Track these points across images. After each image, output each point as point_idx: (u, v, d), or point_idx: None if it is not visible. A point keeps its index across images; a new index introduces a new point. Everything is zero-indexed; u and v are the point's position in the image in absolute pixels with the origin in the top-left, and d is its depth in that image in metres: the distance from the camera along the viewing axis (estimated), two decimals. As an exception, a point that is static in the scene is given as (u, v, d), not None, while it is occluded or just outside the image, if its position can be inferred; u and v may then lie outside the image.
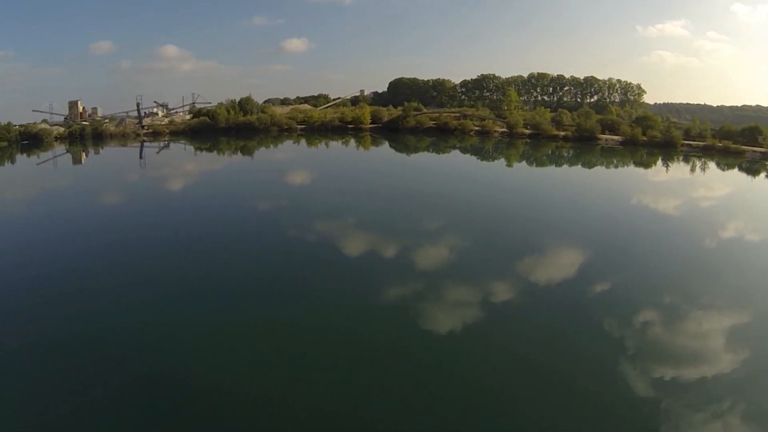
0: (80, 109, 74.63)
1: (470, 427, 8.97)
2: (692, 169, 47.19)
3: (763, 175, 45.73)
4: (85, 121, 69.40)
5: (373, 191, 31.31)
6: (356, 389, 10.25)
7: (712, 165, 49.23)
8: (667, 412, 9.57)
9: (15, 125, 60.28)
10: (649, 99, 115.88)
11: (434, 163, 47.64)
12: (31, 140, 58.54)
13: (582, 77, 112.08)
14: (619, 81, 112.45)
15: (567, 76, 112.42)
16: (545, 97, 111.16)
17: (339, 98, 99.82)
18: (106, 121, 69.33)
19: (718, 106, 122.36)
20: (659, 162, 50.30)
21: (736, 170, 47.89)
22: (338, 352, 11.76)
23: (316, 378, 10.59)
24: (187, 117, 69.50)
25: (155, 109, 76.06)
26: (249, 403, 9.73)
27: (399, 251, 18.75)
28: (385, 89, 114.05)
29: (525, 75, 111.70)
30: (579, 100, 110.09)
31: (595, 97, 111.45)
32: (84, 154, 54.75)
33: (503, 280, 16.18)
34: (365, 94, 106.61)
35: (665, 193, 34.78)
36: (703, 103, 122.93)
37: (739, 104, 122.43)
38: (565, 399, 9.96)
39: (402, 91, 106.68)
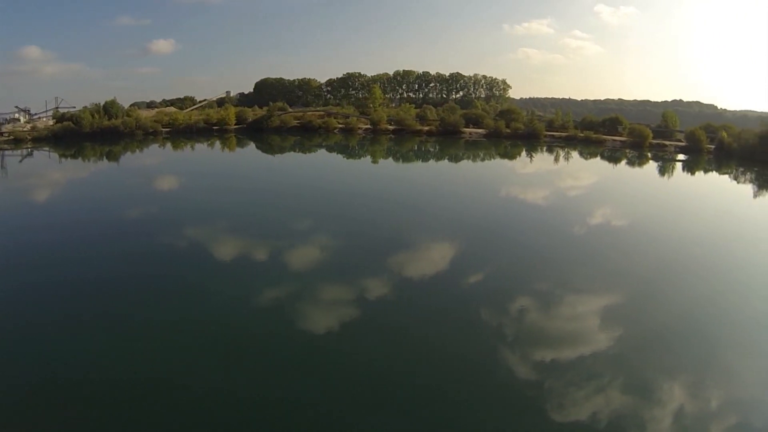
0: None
1: (357, 421, 8.98)
2: (556, 159, 49.36)
3: (624, 162, 48.97)
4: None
5: (242, 193, 30.27)
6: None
7: (575, 154, 52.20)
8: (551, 391, 9.78)
9: None
10: (515, 94, 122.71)
11: (300, 162, 47.64)
12: None
13: (448, 74, 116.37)
14: (484, 77, 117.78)
15: (433, 73, 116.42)
16: (411, 94, 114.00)
17: (205, 100, 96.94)
18: (-39, 129, 59.28)
19: (582, 100, 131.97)
20: (523, 153, 52.64)
21: (598, 158, 51.26)
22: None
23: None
24: (51, 122, 64.39)
25: (17, 115, 68.69)
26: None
27: (276, 253, 18.15)
28: (252, 90, 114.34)
29: (391, 73, 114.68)
30: (445, 96, 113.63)
31: (461, 93, 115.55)
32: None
33: (376, 276, 15.74)
34: (231, 95, 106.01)
35: (533, 183, 36.03)
36: (567, 98, 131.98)
37: (603, 98, 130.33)
38: (449, 390, 9.83)
39: (268, 91, 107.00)
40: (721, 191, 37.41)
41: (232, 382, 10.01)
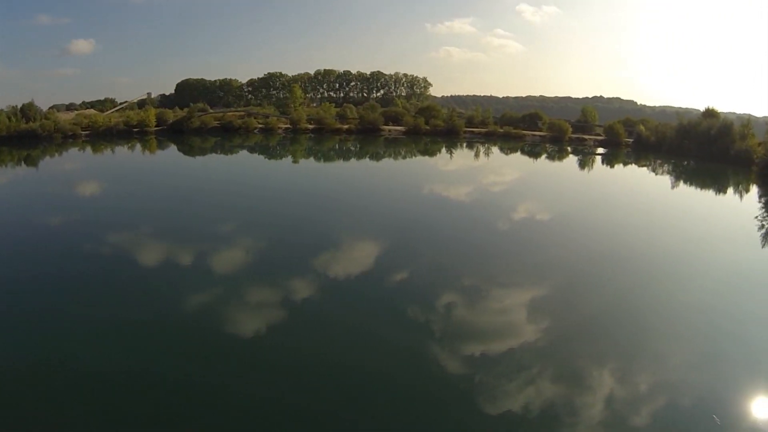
0: None
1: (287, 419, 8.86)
2: (476, 155, 50.10)
3: (544, 156, 50.41)
4: None
5: (166, 196, 29.34)
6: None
7: (495, 150, 53.40)
8: (482, 384, 9.81)
9: None
10: (437, 92, 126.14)
11: (223, 163, 46.49)
12: None
13: (369, 73, 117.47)
14: (405, 75, 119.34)
15: (354, 72, 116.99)
16: (332, 94, 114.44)
17: (126, 102, 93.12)
18: None
19: (504, 97, 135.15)
20: (443, 150, 53.39)
21: (519, 153, 52.52)
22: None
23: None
24: (-36, 127, 60.93)
25: (-73, 117, 61.80)
26: None
27: (202, 256, 17.52)
28: (173, 91, 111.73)
29: (312, 72, 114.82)
30: (366, 95, 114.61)
31: (382, 92, 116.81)
32: None
33: (303, 276, 15.48)
34: (152, 96, 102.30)
35: (457, 180, 36.45)
36: (489, 95, 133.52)
37: (524, 95, 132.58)
38: (379, 387, 9.73)
39: (189, 92, 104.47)
40: (640, 183, 38.88)
41: (163, 381, 9.81)
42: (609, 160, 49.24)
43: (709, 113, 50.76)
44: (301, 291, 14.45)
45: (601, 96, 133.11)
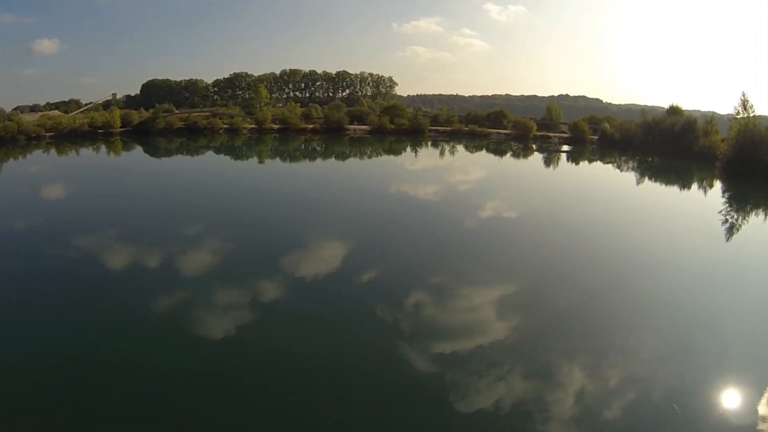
0: None
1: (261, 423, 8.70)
2: (441, 153, 50.27)
3: (509, 154, 51.13)
4: None
5: (133, 198, 28.42)
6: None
7: (460, 148, 53.75)
8: (453, 382, 9.73)
9: None
10: (403, 92, 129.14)
11: (188, 165, 45.60)
12: None
13: (334, 72, 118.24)
14: (371, 74, 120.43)
15: (320, 71, 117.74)
16: (298, 94, 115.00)
17: (91, 103, 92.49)
18: None
19: (470, 96, 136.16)
20: (408, 149, 53.68)
21: (484, 151, 52.95)
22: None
23: None
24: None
25: None
26: None
27: (169, 258, 17.22)
28: (139, 92, 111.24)
29: (278, 72, 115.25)
30: (331, 94, 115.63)
31: (347, 91, 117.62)
32: None
33: (270, 278, 15.34)
34: (118, 97, 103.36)
35: (423, 178, 36.37)
36: (455, 94, 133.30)
37: (490, 94, 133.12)
38: (351, 388, 9.53)
39: (155, 93, 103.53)
40: (606, 180, 39.47)
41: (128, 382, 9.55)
42: (574, 157, 49.79)
43: (673, 110, 51.71)
44: (269, 291, 14.34)
45: (567, 94, 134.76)
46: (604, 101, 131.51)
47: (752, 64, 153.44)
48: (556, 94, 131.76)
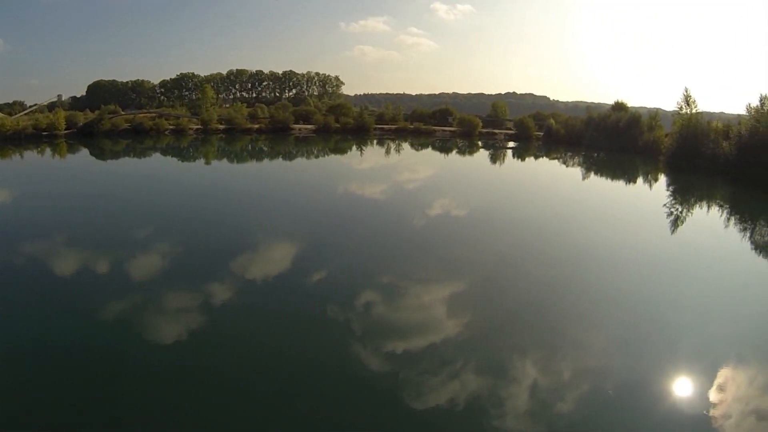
0: None
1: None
2: (387, 152, 50.26)
3: (455, 151, 51.14)
4: None
5: (82, 201, 27.00)
6: None
7: (406, 146, 53.99)
8: (407, 380, 9.60)
9: None
10: (350, 91, 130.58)
11: (136, 167, 44.05)
12: None
13: (281, 72, 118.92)
14: (317, 74, 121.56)
15: (266, 71, 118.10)
16: (245, 94, 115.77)
17: (36, 105, 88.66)
18: None
19: (417, 95, 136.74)
20: (354, 147, 53.55)
21: (430, 149, 53.07)
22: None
23: None
24: None
25: None
26: None
27: (117, 262, 16.28)
28: (84, 93, 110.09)
29: (224, 72, 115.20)
30: (278, 94, 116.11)
31: (294, 91, 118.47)
32: None
33: (219, 280, 14.59)
34: (63, 99, 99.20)
35: (370, 177, 36.19)
36: (403, 93, 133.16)
37: (437, 92, 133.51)
38: (303, 390, 9.36)
39: (101, 94, 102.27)
40: (552, 175, 39.75)
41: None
42: (520, 153, 50.39)
43: (619, 106, 53.23)
44: (219, 292, 13.98)
45: (514, 92, 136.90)
46: (551, 99, 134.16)
47: (697, 62, 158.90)
48: (503, 92, 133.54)
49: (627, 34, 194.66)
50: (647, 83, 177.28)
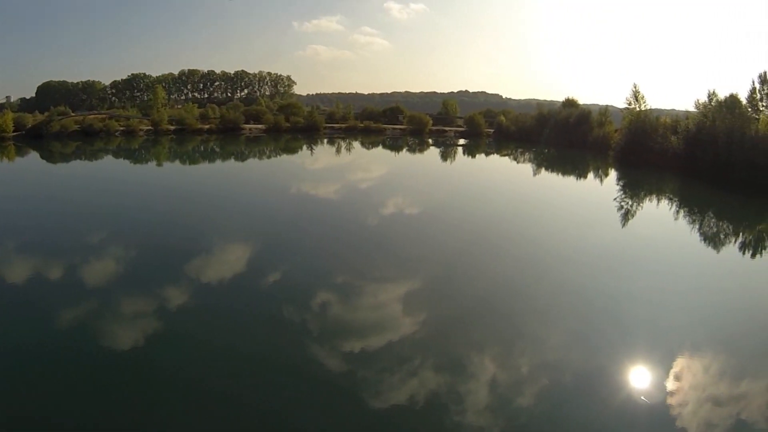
0: None
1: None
2: (338, 151, 50.07)
3: (405, 149, 50.98)
4: None
5: (32, 205, 26.37)
6: None
7: (356, 144, 53.92)
8: (365, 379, 9.58)
9: None
10: (302, 90, 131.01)
11: (86, 169, 42.27)
12: None
13: (233, 72, 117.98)
14: (269, 74, 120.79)
15: (218, 71, 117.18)
16: (196, 94, 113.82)
17: None
18: None
19: (369, 94, 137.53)
20: (304, 147, 53.10)
21: (380, 147, 53.04)
22: None
23: None
24: None
25: None
26: None
27: (70, 267, 15.68)
28: (34, 95, 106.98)
29: (176, 73, 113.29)
30: (230, 94, 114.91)
31: (246, 91, 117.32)
32: None
33: (174, 283, 14.19)
34: (11, 100, 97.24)
35: (323, 177, 35.84)
36: (355, 92, 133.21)
37: (390, 91, 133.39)
38: (261, 391, 9.21)
39: (51, 95, 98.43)
40: (503, 172, 40.10)
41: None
42: (471, 150, 50.68)
43: (569, 103, 54.08)
44: (175, 294, 13.69)
45: (466, 90, 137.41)
46: (504, 97, 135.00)
47: (649, 60, 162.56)
48: (456, 91, 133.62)
49: (581, 33, 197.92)
50: (599, 81, 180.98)
